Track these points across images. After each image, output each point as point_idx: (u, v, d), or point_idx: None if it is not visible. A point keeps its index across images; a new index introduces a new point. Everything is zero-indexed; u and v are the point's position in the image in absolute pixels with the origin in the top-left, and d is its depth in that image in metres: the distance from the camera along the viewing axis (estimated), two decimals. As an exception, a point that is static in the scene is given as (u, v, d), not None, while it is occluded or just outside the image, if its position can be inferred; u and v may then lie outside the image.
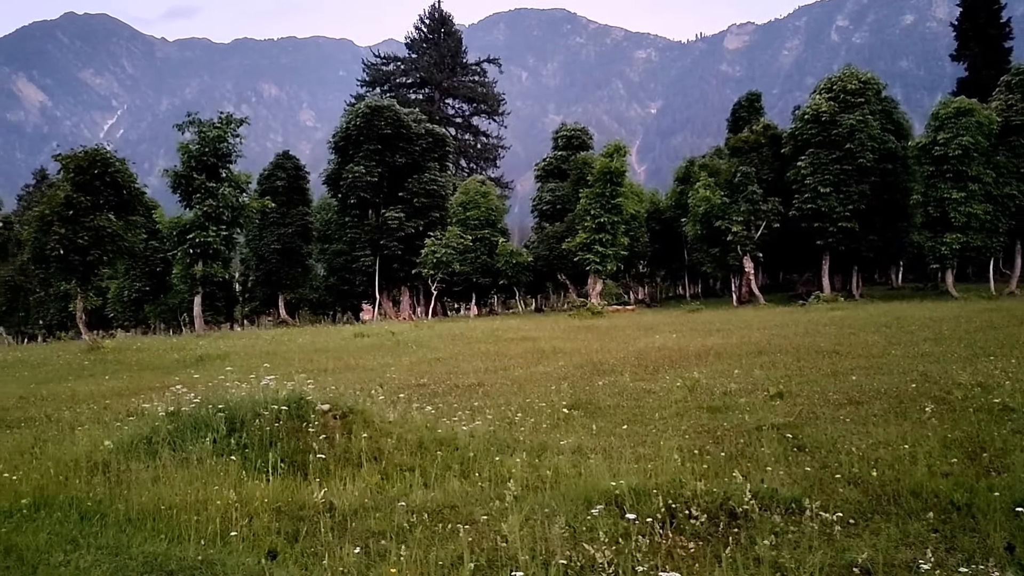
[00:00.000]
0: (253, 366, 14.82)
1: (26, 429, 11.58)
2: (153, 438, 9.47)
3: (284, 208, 62.00)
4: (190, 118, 44.90)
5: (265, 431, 9.04)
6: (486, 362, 18.74)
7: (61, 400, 14.27)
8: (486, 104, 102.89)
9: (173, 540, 6.52)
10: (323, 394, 10.70)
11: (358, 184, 57.62)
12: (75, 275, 33.57)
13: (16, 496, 7.58)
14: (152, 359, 22.86)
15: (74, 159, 32.84)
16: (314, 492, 7.45)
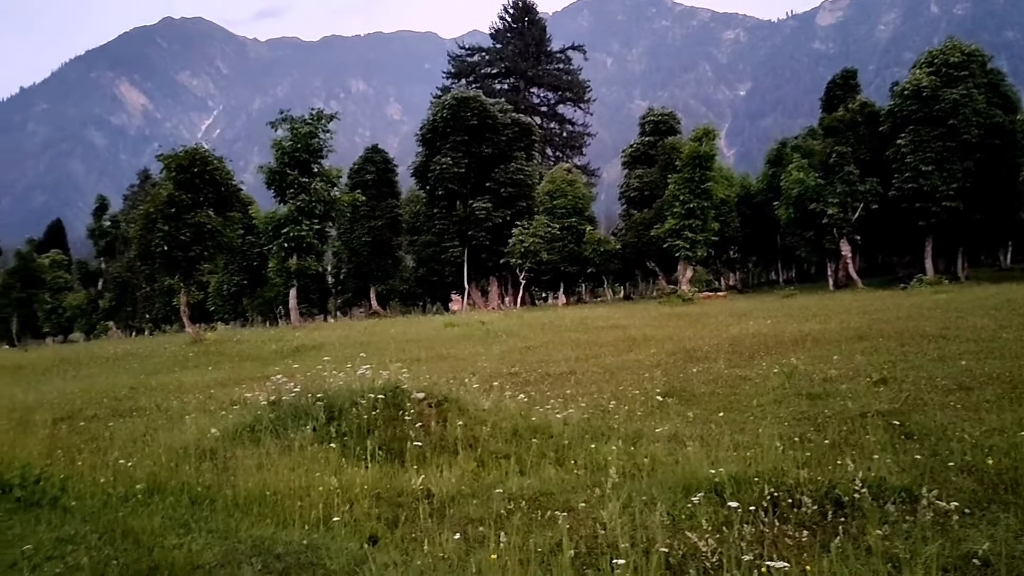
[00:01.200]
0: (348, 356, 15.09)
1: (138, 418, 12.08)
2: (256, 426, 9.75)
3: (374, 201, 63.00)
4: (282, 116, 46.02)
5: (363, 419, 9.19)
6: (577, 350, 18.65)
7: (169, 390, 14.83)
8: (571, 92, 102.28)
9: (279, 524, 6.68)
10: (417, 383, 10.82)
11: (445, 175, 58.14)
12: (178, 270, 34.85)
13: (131, 482, 7.90)
14: (252, 350, 23.57)
15: (175, 159, 34.07)
16: (412, 479, 7.53)
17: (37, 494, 7.63)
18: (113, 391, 15.34)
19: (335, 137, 47.93)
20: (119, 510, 7.14)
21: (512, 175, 60.10)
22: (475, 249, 59.44)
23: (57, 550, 6.28)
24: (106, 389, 15.72)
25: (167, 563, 5.89)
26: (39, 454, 9.49)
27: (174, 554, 6.04)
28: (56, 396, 15.35)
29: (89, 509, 7.24)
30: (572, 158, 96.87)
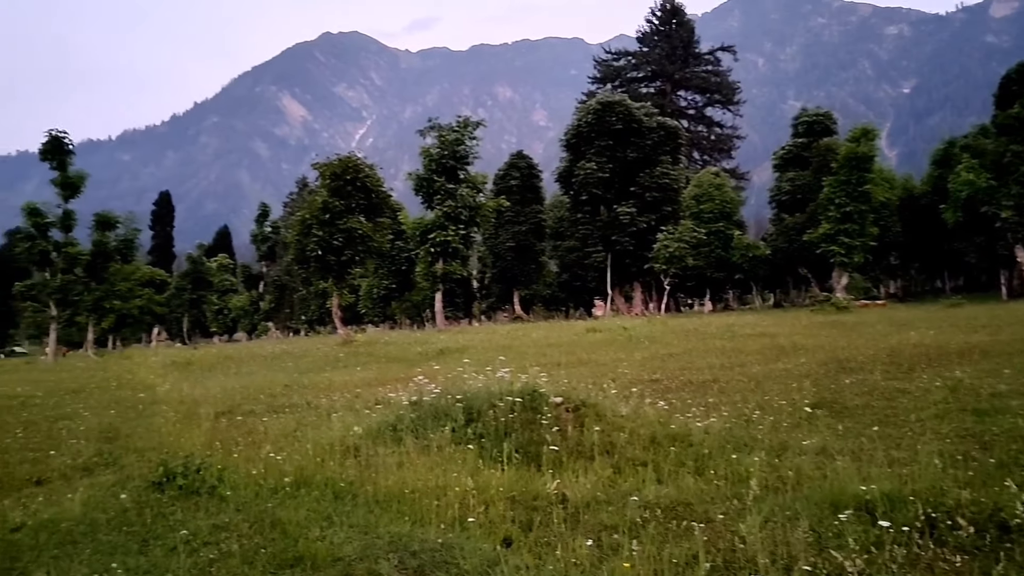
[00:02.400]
0: (489, 359, 15.26)
1: (290, 414, 12.64)
2: (398, 425, 10.00)
3: (518, 207, 63.63)
4: (431, 124, 47.24)
5: (500, 422, 9.26)
6: (721, 358, 18.16)
7: (319, 388, 15.45)
8: (720, 94, 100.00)
9: (416, 522, 6.81)
10: (556, 387, 10.80)
11: (590, 180, 58.03)
12: (331, 274, 36.36)
13: (280, 475, 8.27)
14: (398, 352, 24.26)
15: (330, 167, 35.58)
16: (547, 483, 7.51)
17: (197, 483, 8.09)
18: (269, 388, 16.14)
19: (481, 144, 48.78)
20: (269, 501, 7.49)
21: (657, 179, 59.30)
22: (619, 254, 59.00)
23: (212, 536, 6.63)
24: (263, 386, 16.56)
25: (310, 554, 6.12)
26: (201, 445, 10.10)
27: (317, 546, 6.27)
28: (219, 391, 16.29)
29: (242, 499, 7.62)
30: (720, 161, 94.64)
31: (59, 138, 45.01)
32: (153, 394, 17.30)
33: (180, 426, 11.91)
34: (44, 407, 16.24)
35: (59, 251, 45.72)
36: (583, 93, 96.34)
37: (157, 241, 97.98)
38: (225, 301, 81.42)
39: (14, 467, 9.96)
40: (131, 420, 13.48)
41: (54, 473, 9.63)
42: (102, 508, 7.61)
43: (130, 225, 52.81)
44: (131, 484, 8.49)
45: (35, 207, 45.27)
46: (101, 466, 9.93)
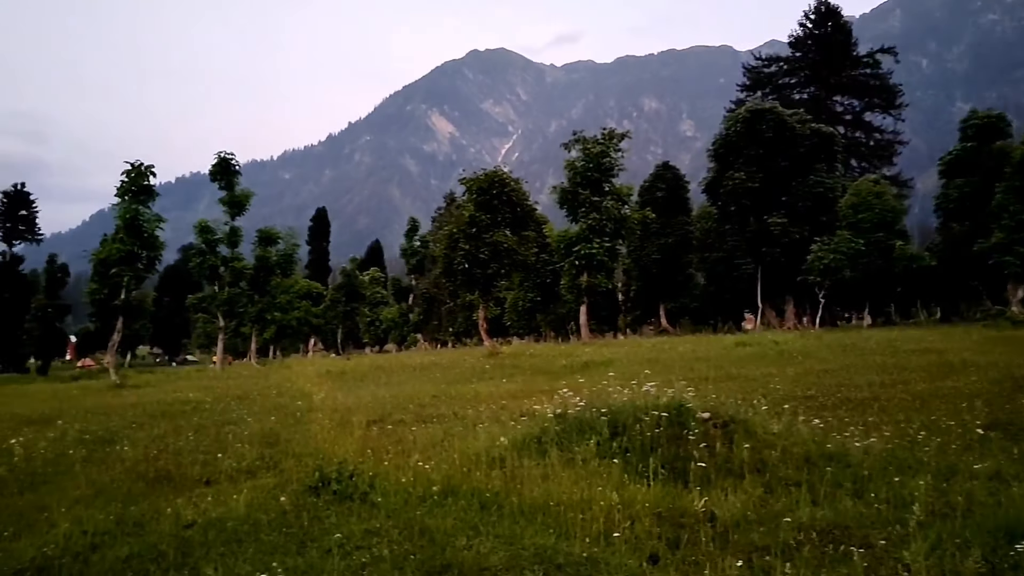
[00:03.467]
0: (634, 373, 15.10)
1: (437, 424, 12.92)
2: (542, 437, 10.03)
3: (664, 218, 62.81)
4: (575, 137, 47.35)
5: (646, 436, 9.13)
6: (882, 375, 17.23)
7: (466, 399, 15.73)
8: (879, 98, 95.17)
9: (560, 535, 6.80)
10: (703, 402, 10.55)
11: (739, 191, 56.58)
12: (477, 287, 37.01)
13: (428, 483, 8.45)
14: (543, 364, 24.38)
15: (476, 181, 36.29)
16: (695, 500, 7.34)
17: (350, 488, 8.39)
18: (418, 398, 16.55)
19: (626, 156, 48.48)
20: (417, 509, 7.66)
21: (811, 188, 57.11)
22: (769, 266, 57.15)
23: (365, 541, 6.85)
24: (412, 396, 17.01)
25: (457, 562, 6.22)
26: (353, 452, 10.45)
27: (464, 555, 6.36)
28: (370, 400, 16.86)
29: (392, 506, 7.83)
30: (880, 168, 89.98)
31: (227, 160, 47.98)
32: (309, 402, 18.09)
33: (334, 433, 12.38)
34: (213, 412, 17.28)
35: (227, 265, 48.61)
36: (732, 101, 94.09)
37: (314, 255, 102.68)
38: (376, 313, 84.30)
39: (187, 468, 10.64)
40: (290, 426, 14.13)
41: (221, 474, 10.21)
42: (264, 509, 8.00)
43: (290, 240, 55.55)
44: (290, 487, 8.90)
45: (206, 224, 48.33)
46: (263, 469, 10.46)
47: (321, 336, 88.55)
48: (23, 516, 8.52)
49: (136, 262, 36.71)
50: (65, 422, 16.46)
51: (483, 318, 37.17)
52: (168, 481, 10.03)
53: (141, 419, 16.67)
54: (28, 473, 10.99)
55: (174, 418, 16.66)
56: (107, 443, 13.44)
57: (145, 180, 37.14)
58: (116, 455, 12.13)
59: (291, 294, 59.72)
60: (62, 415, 18.12)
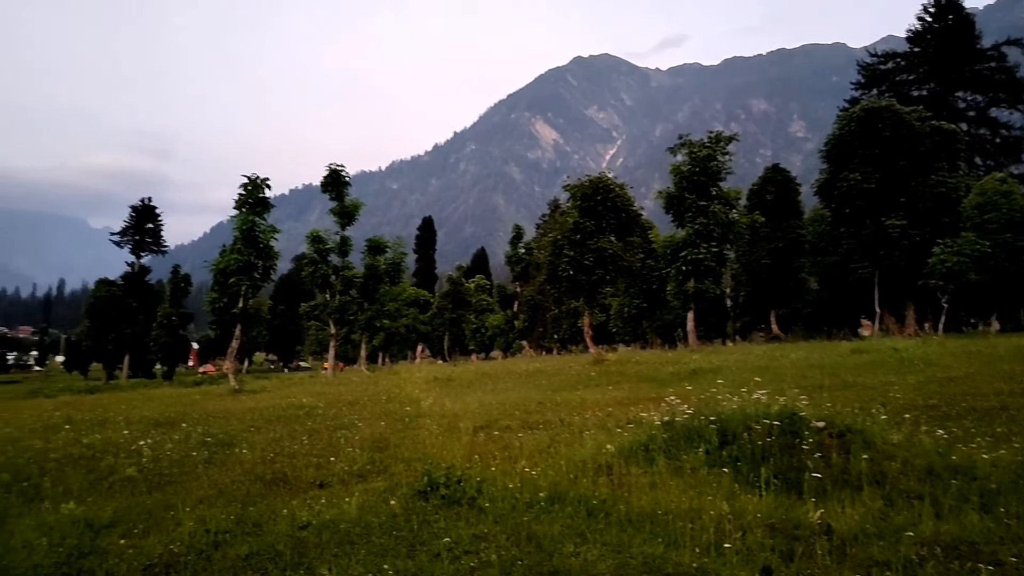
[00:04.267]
0: (744, 380, 14.75)
1: (543, 431, 12.92)
2: (650, 445, 9.91)
3: (774, 222, 61.22)
4: (681, 141, 46.70)
5: (756, 445, 8.90)
6: (1011, 383, 16.29)
7: (572, 406, 15.68)
8: (1005, 92, 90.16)
9: (669, 544, 6.70)
10: (817, 411, 10.23)
11: (853, 192, 54.58)
12: (582, 293, 36.86)
13: (535, 489, 8.47)
14: (649, 371, 24.10)
15: (580, 187, 36.18)
16: (809, 512, 7.12)
17: (458, 493, 8.50)
18: (524, 405, 16.60)
19: (734, 159, 47.51)
20: (524, 515, 7.69)
21: (932, 188, 54.57)
22: (887, 270, 54.84)
23: (473, 545, 6.92)
24: (518, 402, 17.06)
25: (565, 569, 6.20)
26: (461, 458, 10.57)
27: (571, 561, 6.34)
28: (477, 407, 17.01)
29: (499, 511, 7.88)
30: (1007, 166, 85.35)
31: (337, 171, 49.33)
32: (418, 408, 18.40)
33: (442, 438, 12.55)
34: (325, 417, 17.77)
35: (337, 274, 49.93)
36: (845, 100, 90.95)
37: (421, 263, 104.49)
38: (482, 320, 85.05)
39: (301, 471, 10.98)
40: (399, 431, 14.40)
41: (334, 478, 10.49)
42: (375, 512, 8.18)
43: (398, 249, 56.63)
44: (399, 491, 9.07)
45: (317, 234, 49.78)
46: (373, 473, 10.69)
47: (428, 343, 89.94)
48: (151, 514, 8.96)
49: (253, 271, 38.08)
50: (189, 425, 17.22)
51: (588, 325, 36.99)
52: (284, 483, 10.37)
53: (258, 423, 17.29)
54: (156, 473, 11.55)
55: (289, 422, 17.21)
56: (227, 446, 14.00)
57: (261, 192, 38.53)
58: (235, 457, 12.62)
59: (399, 302, 60.97)
60: (186, 418, 18.97)
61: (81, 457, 13.01)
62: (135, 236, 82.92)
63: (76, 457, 13.01)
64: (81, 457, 13.01)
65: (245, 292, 37.80)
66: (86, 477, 11.29)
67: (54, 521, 8.57)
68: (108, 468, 11.87)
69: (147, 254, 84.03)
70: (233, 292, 37.73)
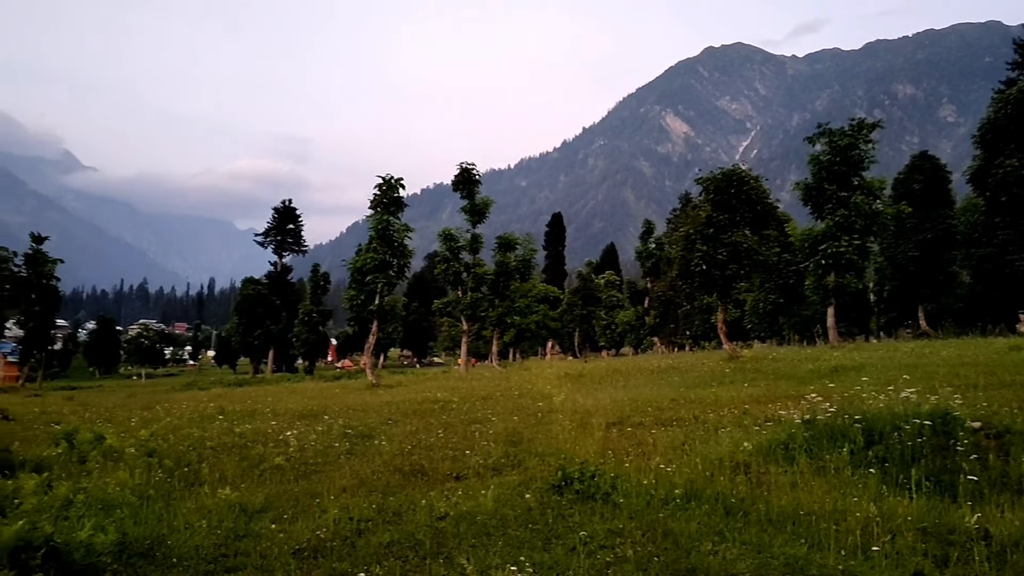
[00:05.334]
0: (890, 378, 14.10)
1: (677, 428, 12.75)
2: (790, 444, 9.62)
3: (922, 212, 58.12)
4: (820, 129, 44.94)
5: (906, 445, 8.50)
6: None
7: (706, 403, 15.38)
8: None
9: (812, 546, 6.50)
10: (972, 411, 9.67)
11: (1010, 179, 51.14)
12: (715, 289, 36.07)
13: (670, 486, 8.38)
14: (787, 369, 23.35)
15: (713, 180, 35.38)
16: (965, 516, 6.74)
17: (592, 488, 8.50)
18: (656, 401, 16.40)
19: (878, 147, 45.37)
20: (660, 511, 7.62)
21: (1098, 173, 50.53)
22: (1049, 262, 51.19)
23: (608, 540, 6.92)
24: (650, 399, 16.88)
25: (703, 567, 6.11)
26: (594, 453, 10.57)
27: (709, 560, 6.24)
28: (608, 403, 16.93)
29: (634, 507, 7.84)
30: None
31: (468, 169, 50.13)
32: (549, 403, 18.49)
33: (574, 434, 12.57)
34: (459, 411, 18.13)
35: (469, 271, 50.76)
36: (1000, 82, 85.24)
37: (550, 260, 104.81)
38: (612, 316, 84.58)
39: (437, 463, 11.24)
40: (532, 426, 14.52)
41: (469, 470, 10.69)
42: (510, 505, 8.29)
43: (528, 246, 57.00)
44: (534, 485, 9.16)
45: (449, 232, 50.76)
46: (507, 467, 10.82)
47: (558, 339, 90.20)
48: (299, 501, 9.39)
49: (388, 269, 39.22)
50: (330, 417, 17.93)
51: (722, 321, 36.18)
52: (421, 475, 10.64)
53: (395, 416, 17.80)
54: (301, 462, 12.09)
55: (424, 416, 17.65)
56: (367, 438, 14.49)
57: (395, 192, 39.61)
58: (375, 449, 13.05)
59: (529, 298, 61.38)
60: (327, 411, 19.76)
61: (234, 446, 13.76)
62: (277, 237, 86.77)
63: (229, 446, 13.78)
64: (234, 446, 13.76)
65: (381, 289, 38.96)
66: (239, 465, 11.93)
67: (212, 505, 9.12)
68: (258, 457, 12.51)
69: (288, 254, 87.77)
70: (369, 290, 38.97)
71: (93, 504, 8.57)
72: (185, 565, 7.05)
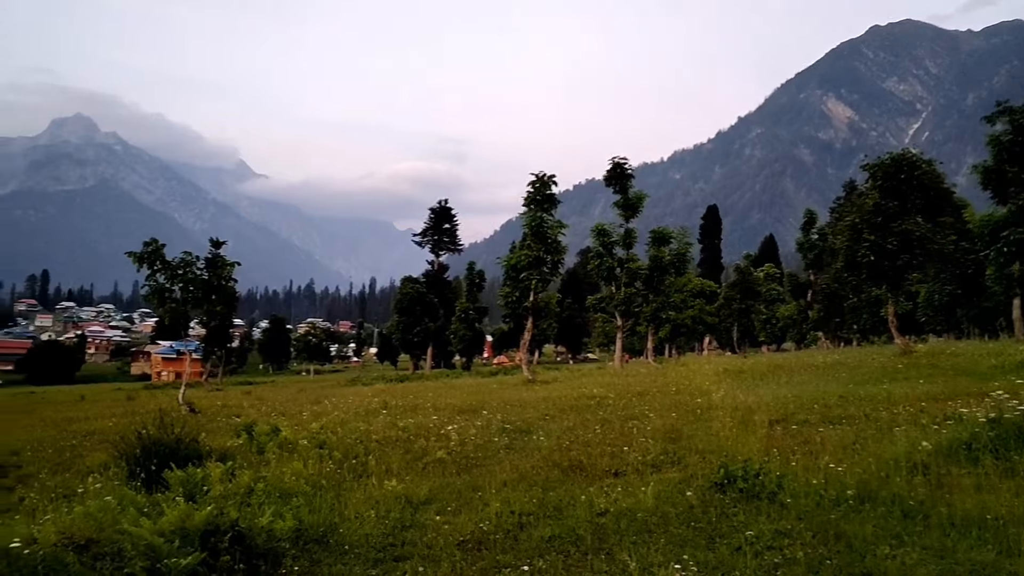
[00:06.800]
0: (1088, 374, 12.96)
1: (846, 426, 12.18)
2: (973, 444, 9.04)
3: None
4: (1000, 108, 41.71)
5: (1109, 448, 7.79)
6: None
7: (877, 400, 14.62)
8: None
9: (1001, 552, 6.08)
10: None
11: None
12: (885, 281, 34.20)
13: (842, 487, 8.02)
14: (966, 364, 21.88)
15: (880, 166, 33.56)
16: None
17: (757, 487, 8.26)
18: (823, 398, 15.73)
19: (1069, 122, 41.68)
20: (831, 513, 7.32)
21: None
22: None
23: (775, 541, 6.70)
24: (816, 396, 16.20)
25: (880, 572, 5.85)
26: (757, 451, 10.25)
27: (887, 564, 5.94)
28: (771, 399, 16.38)
29: (803, 508, 7.56)
30: None
31: (620, 164, 49.76)
32: (708, 399, 18.08)
33: (736, 431, 12.24)
34: (615, 407, 18.04)
35: (622, 266, 50.41)
36: None
37: (706, 253, 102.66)
38: (772, 310, 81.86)
39: (596, 459, 11.22)
40: (690, 423, 14.26)
41: (628, 467, 10.61)
42: (671, 503, 8.17)
43: (682, 239, 55.98)
44: (695, 483, 8.99)
45: (602, 228, 50.58)
46: (667, 464, 10.68)
47: (715, 334, 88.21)
48: (461, 494, 9.63)
49: (542, 266, 39.53)
50: (488, 413, 18.27)
51: (892, 314, 34.29)
52: (580, 471, 10.66)
53: (551, 412, 17.93)
54: (462, 456, 12.38)
55: (581, 412, 17.67)
56: (524, 433, 14.67)
57: (548, 189, 39.89)
58: (533, 444, 13.19)
59: (685, 293, 60.33)
60: (485, 406, 20.14)
61: (398, 439, 14.27)
62: (434, 236, 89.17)
63: (393, 439, 14.29)
64: (398, 439, 14.27)
65: (535, 286, 39.33)
66: (403, 457, 12.36)
67: (379, 496, 9.49)
68: (421, 450, 12.91)
69: (445, 252, 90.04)
70: (524, 287, 39.42)
71: (272, 492, 9.12)
72: (356, 553, 7.37)
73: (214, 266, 33.44)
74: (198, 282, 32.42)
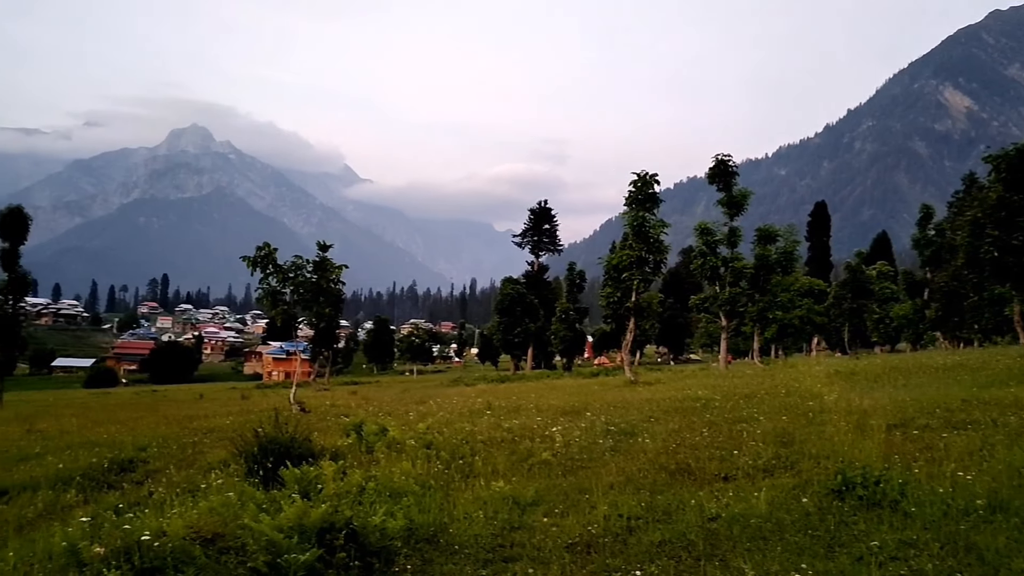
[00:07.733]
0: None
1: (972, 432, 11.57)
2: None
3: None
4: None
5: None
6: None
7: (1004, 405, 13.85)
8: None
9: None
10: None
11: None
12: (1009, 278, 32.50)
13: (970, 496, 7.61)
14: (1104, 366, 20.54)
15: (1004, 158, 31.90)
16: None
17: (877, 495, 7.93)
18: (944, 402, 14.99)
19: None
20: (960, 523, 6.95)
21: None
22: None
23: (900, 552, 6.41)
24: (937, 400, 15.46)
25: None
26: (875, 457, 9.83)
27: (1024, 579, 5.59)
28: (888, 403, 15.71)
29: (928, 517, 7.21)
30: None
31: (724, 161, 48.78)
32: (821, 402, 17.47)
33: (851, 436, 11.77)
34: (722, 410, 17.63)
35: (726, 266, 49.39)
36: None
37: (814, 251, 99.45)
38: (886, 310, 78.72)
39: (704, 462, 10.98)
40: (802, 427, 13.79)
41: (738, 471, 10.33)
42: (785, 509, 7.91)
43: (789, 237, 54.46)
44: (810, 489, 8.68)
45: (706, 226, 49.68)
46: (779, 468, 10.34)
47: (825, 335, 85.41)
48: (567, 496, 9.56)
49: (644, 266, 39.06)
50: (592, 414, 18.13)
51: (1019, 313, 32.55)
52: (688, 474, 10.44)
53: (656, 414, 17.66)
54: (567, 458, 12.31)
55: (686, 414, 17.34)
56: (629, 435, 14.47)
57: (650, 188, 39.38)
58: (638, 446, 13.00)
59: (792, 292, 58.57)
60: (588, 407, 20.01)
61: (503, 440, 14.30)
62: (533, 237, 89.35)
63: (499, 440, 14.34)
64: (503, 440, 14.30)
65: (637, 286, 38.92)
66: (509, 458, 12.38)
67: (487, 496, 9.51)
68: (526, 451, 12.90)
69: (544, 253, 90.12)
70: (625, 287, 39.05)
71: (382, 491, 9.26)
72: (466, 553, 7.41)
73: (322, 269, 34.33)
74: (307, 285, 33.37)
